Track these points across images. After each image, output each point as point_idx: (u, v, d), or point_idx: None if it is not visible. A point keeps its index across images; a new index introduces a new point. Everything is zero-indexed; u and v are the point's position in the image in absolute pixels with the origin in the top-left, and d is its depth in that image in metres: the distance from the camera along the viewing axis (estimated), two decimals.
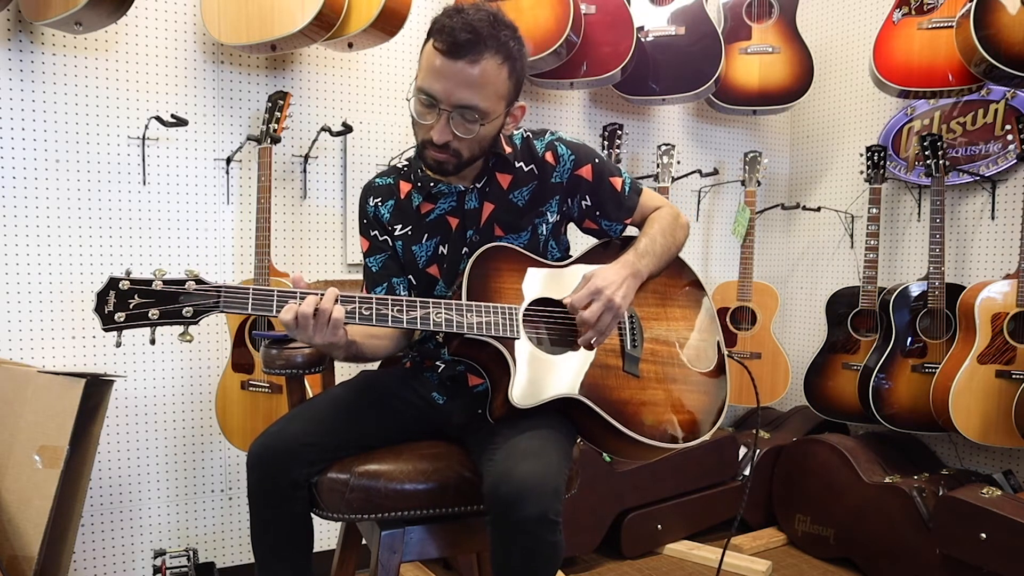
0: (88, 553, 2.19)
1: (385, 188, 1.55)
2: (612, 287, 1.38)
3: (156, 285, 1.19)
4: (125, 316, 1.17)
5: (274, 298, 1.24)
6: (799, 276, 3.37)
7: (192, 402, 2.30)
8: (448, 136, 1.35)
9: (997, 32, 2.22)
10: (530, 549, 1.20)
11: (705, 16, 2.75)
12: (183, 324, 1.21)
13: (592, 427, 1.43)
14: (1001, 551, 2.10)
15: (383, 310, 1.30)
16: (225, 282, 1.24)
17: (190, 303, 1.20)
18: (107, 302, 1.17)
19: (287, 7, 2.01)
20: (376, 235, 1.55)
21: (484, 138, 1.39)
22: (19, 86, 2.03)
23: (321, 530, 2.39)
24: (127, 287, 1.18)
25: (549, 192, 1.52)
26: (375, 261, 1.56)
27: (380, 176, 1.58)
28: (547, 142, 1.52)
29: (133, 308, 1.18)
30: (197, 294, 1.20)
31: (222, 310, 1.22)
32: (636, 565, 2.59)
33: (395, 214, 1.54)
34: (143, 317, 1.18)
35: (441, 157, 1.38)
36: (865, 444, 2.69)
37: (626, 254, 1.48)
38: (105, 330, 1.17)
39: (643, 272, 1.47)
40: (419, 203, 1.52)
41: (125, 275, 1.18)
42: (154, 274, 1.20)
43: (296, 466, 1.34)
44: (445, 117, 1.34)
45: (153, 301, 1.19)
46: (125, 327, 1.18)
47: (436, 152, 1.37)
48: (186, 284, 1.20)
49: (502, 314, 1.36)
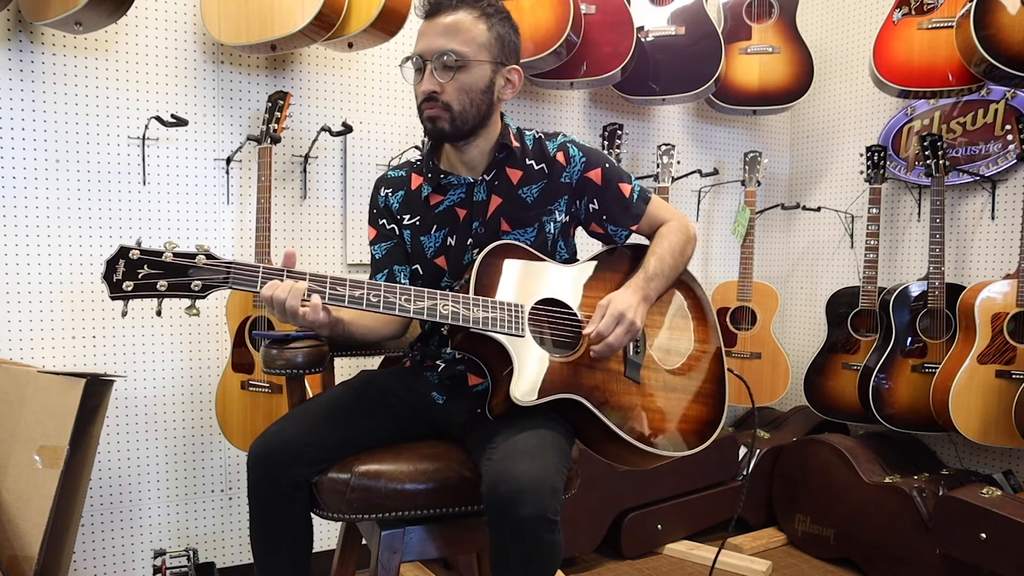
0: (88, 553, 2.19)
1: (397, 180, 1.60)
2: (631, 310, 1.41)
3: (167, 257, 1.20)
4: (133, 285, 1.18)
5: (284, 275, 1.26)
6: (799, 276, 3.37)
7: (192, 402, 2.30)
8: (433, 85, 1.41)
9: (997, 32, 2.22)
10: (528, 549, 1.20)
11: (705, 16, 2.75)
12: (191, 297, 1.21)
13: (591, 431, 1.43)
14: (1001, 551, 2.10)
15: (391, 298, 1.31)
16: (235, 259, 1.25)
17: (199, 277, 1.21)
18: (116, 270, 1.18)
19: (287, 7, 2.01)
20: (384, 223, 1.58)
21: (471, 88, 1.43)
22: (19, 86, 2.03)
23: (321, 530, 2.39)
24: (137, 256, 1.18)
25: (558, 191, 1.54)
26: (379, 248, 1.59)
27: (394, 169, 1.62)
28: (559, 143, 1.56)
29: (142, 278, 1.18)
30: (207, 268, 1.21)
31: (231, 286, 1.23)
32: (636, 565, 2.59)
33: (404, 204, 1.57)
34: (151, 288, 1.19)
35: (433, 111, 1.43)
36: (865, 444, 2.69)
37: (636, 277, 1.49)
38: (112, 298, 1.18)
39: (652, 296, 1.50)
40: (428, 194, 1.54)
41: (136, 245, 1.19)
42: (165, 246, 1.20)
43: (296, 466, 1.34)
44: (429, 68, 1.42)
45: (162, 272, 1.19)
46: (132, 296, 1.18)
47: (429, 108, 1.43)
48: (196, 258, 1.21)
49: (508, 311, 1.38)
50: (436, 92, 1.41)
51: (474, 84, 1.43)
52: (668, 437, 1.44)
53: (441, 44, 1.40)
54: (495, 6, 1.46)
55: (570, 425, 1.44)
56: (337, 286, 1.29)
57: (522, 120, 2.76)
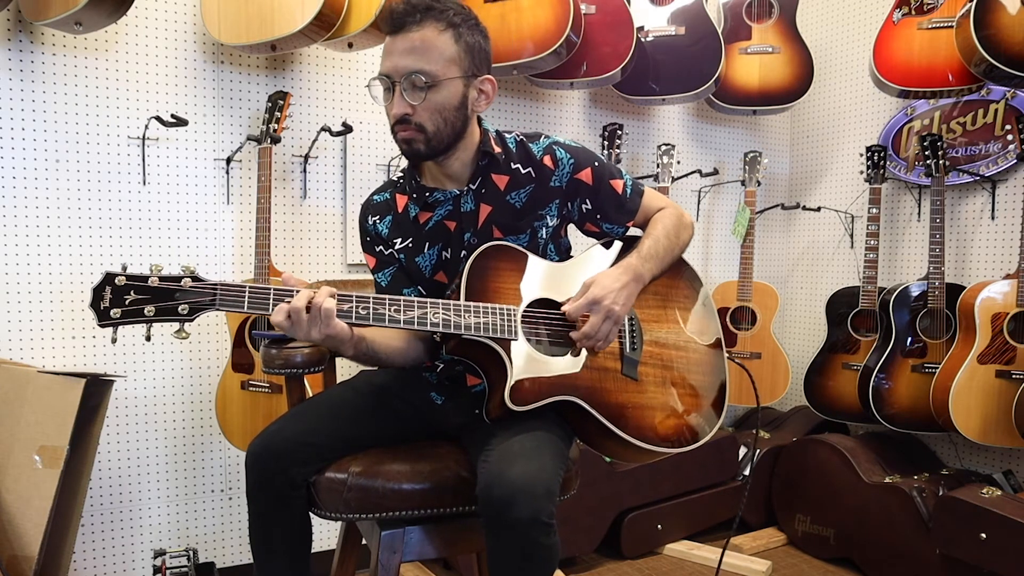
0: (88, 553, 2.19)
1: (383, 204, 1.55)
2: (611, 295, 1.38)
3: (152, 282, 1.18)
4: (121, 312, 1.16)
5: (270, 297, 1.23)
6: (799, 276, 3.37)
7: (192, 402, 2.30)
8: (404, 107, 1.36)
9: (997, 32, 2.22)
10: (523, 551, 1.19)
11: (705, 16, 2.75)
12: (179, 321, 1.20)
13: (589, 430, 1.42)
14: (1001, 551, 2.10)
15: (380, 310, 1.28)
16: (222, 280, 1.23)
17: (186, 300, 1.19)
18: (103, 298, 1.16)
19: (287, 7, 2.01)
20: (381, 250, 1.54)
21: (443, 107, 1.37)
22: (19, 86, 2.03)
23: (321, 530, 2.39)
24: (123, 283, 1.17)
25: (548, 196, 1.50)
26: (384, 276, 1.55)
27: (377, 192, 1.57)
28: (544, 146, 1.50)
29: (129, 304, 1.17)
30: (193, 291, 1.20)
31: (218, 308, 1.21)
32: (636, 565, 2.59)
33: (393, 229, 1.52)
34: (139, 314, 1.17)
35: (407, 134, 1.38)
36: (865, 444, 2.69)
37: (628, 257, 1.46)
38: (100, 326, 1.16)
39: (645, 276, 1.46)
40: (416, 214, 1.50)
41: (121, 271, 1.17)
42: (151, 270, 1.19)
43: (294, 466, 1.34)
44: (398, 90, 1.36)
45: (149, 298, 1.18)
46: (120, 323, 1.17)
47: (402, 131, 1.38)
48: (182, 281, 1.19)
49: (500, 315, 1.35)
50: (408, 114, 1.36)
51: (446, 102, 1.37)
52: (668, 433, 1.43)
53: (408, 64, 1.34)
54: (462, 14, 1.39)
55: (569, 425, 1.43)
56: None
57: (522, 121, 2.75)
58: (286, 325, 1.23)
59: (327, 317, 1.23)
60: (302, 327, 1.23)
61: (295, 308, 1.22)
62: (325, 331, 1.24)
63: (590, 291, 1.38)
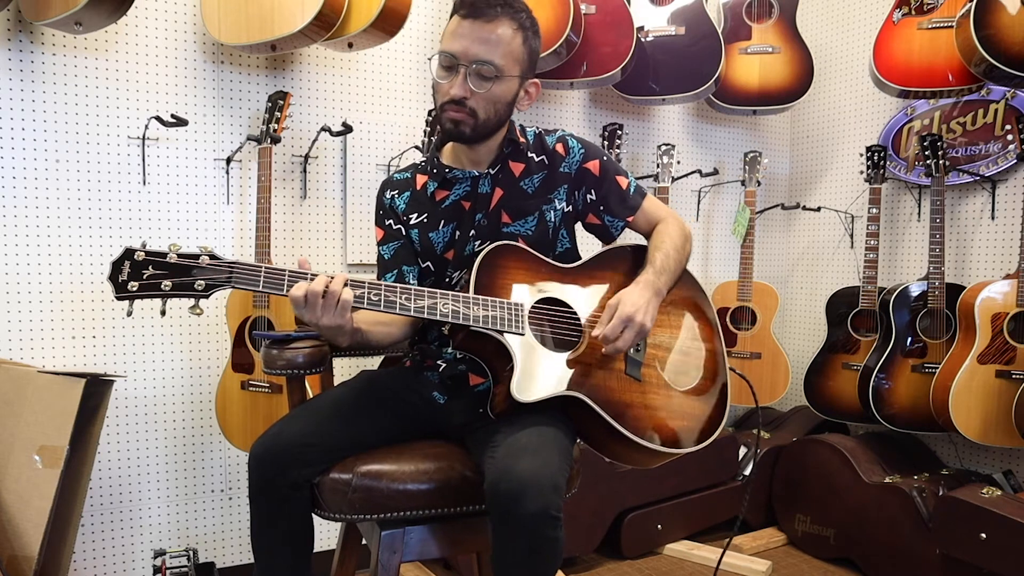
0: (88, 553, 2.19)
1: (402, 182, 1.62)
2: (640, 312, 1.42)
3: (171, 258, 1.22)
4: (138, 286, 1.21)
5: (285, 277, 1.27)
6: (799, 276, 3.37)
7: (192, 402, 2.30)
8: (465, 91, 1.41)
9: (997, 32, 2.22)
10: (531, 545, 1.20)
11: (705, 16, 2.75)
12: (194, 297, 1.23)
13: (593, 428, 1.43)
14: (1001, 551, 2.10)
15: (391, 297, 1.32)
16: (238, 259, 1.26)
17: (203, 277, 1.23)
18: (121, 271, 1.20)
19: (287, 7, 2.01)
20: (391, 224, 1.60)
21: (499, 99, 1.45)
22: (19, 86, 2.03)
23: (321, 530, 2.39)
24: (142, 258, 1.21)
25: (558, 180, 1.57)
26: (388, 249, 1.61)
27: (399, 172, 1.64)
28: (558, 136, 1.60)
29: (147, 279, 1.21)
30: (210, 268, 1.23)
31: (234, 286, 1.25)
32: (636, 565, 2.59)
33: (411, 204, 1.59)
34: (156, 288, 1.21)
35: (458, 116, 1.43)
36: (865, 444, 2.69)
37: (645, 273, 1.50)
38: (118, 297, 1.20)
39: (663, 291, 1.51)
40: (434, 190, 1.57)
41: (141, 247, 1.21)
42: (169, 247, 1.23)
43: (297, 467, 1.34)
44: (463, 73, 1.41)
45: (167, 273, 1.22)
46: (137, 296, 1.21)
47: (454, 111, 1.43)
48: (200, 259, 1.23)
49: (508, 309, 1.39)
50: (466, 98, 1.42)
51: (502, 96, 1.45)
52: (669, 434, 1.44)
53: (480, 52, 1.40)
54: (532, 19, 1.48)
55: (571, 423, 1.44)
56: None
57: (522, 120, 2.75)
58: (301, 304, 1.27)
59: (343, 308, 1.28)
60: (316, 310, 1.28)
61: (313, 291, 1.26)
62: (338, 320, 1.29)
63: (620, 309, 1.41)
